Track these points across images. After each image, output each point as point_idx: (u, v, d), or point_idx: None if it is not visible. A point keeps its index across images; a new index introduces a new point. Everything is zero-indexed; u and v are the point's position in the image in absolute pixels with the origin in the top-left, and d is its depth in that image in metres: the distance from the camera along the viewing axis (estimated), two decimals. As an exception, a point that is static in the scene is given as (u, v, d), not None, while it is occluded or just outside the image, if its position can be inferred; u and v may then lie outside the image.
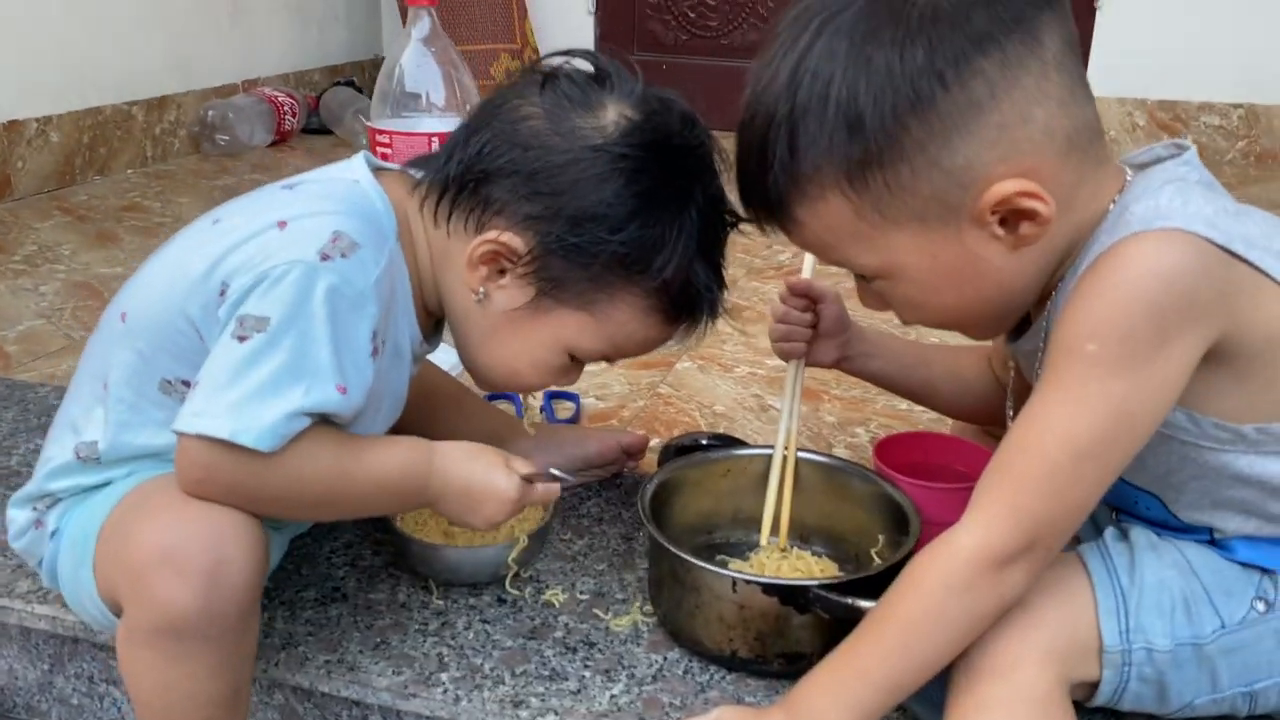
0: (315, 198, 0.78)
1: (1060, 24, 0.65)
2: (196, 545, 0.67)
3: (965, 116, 0.63)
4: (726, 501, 0.94)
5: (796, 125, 0.65)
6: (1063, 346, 0.65)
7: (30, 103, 2.14)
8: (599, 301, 0.79)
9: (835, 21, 0.64)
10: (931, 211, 0.65)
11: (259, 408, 0.68)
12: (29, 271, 1.71)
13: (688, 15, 3.07)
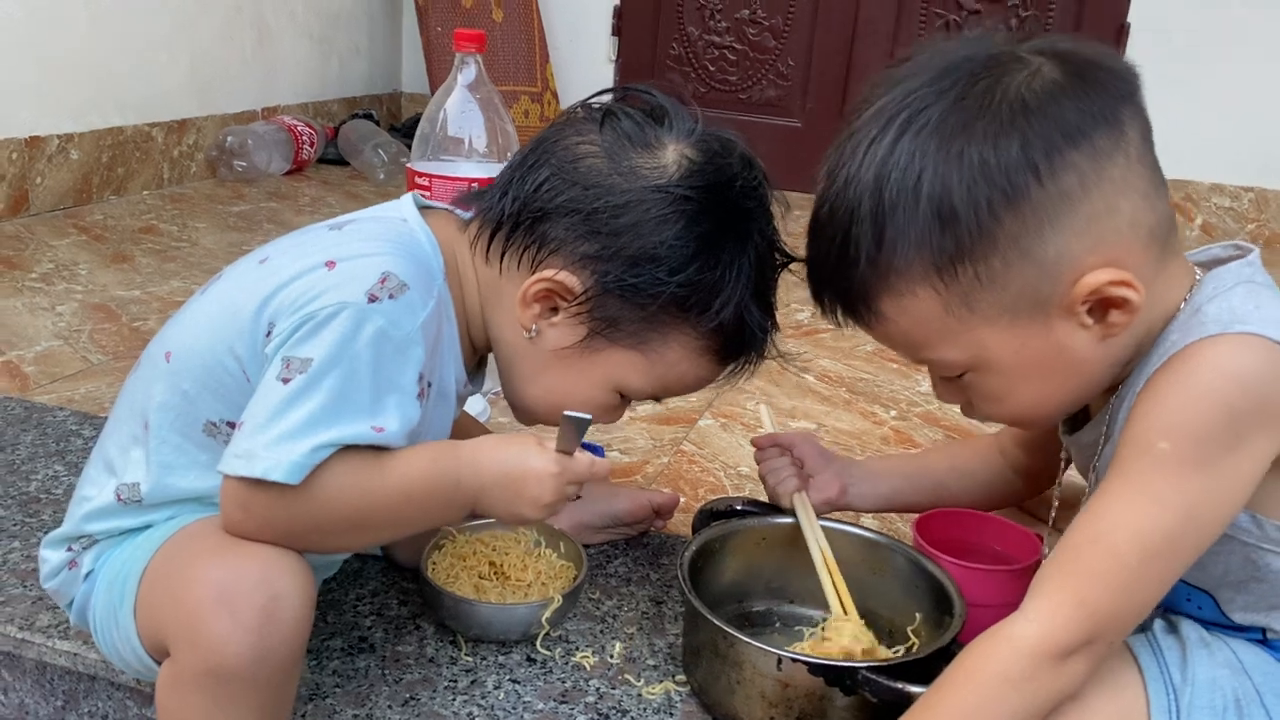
0: (364, 238, 0.77)
1: (1140, 117, 0.66)
2: (250, 584, 0.66)
3: (1057, 208, 0.63)
4: (760, 570, 0.93)
5: (885, 219, 0.65)
6: (1135, 443, 0.65)
7: (52, 119, 2.13)
8: (652, 341, 0.78)
9: (921, 118, 0.64)
10: (1022, 304, 0.65)
11: (290, 445, 0.67)
12: (45, 290, 1.69)
13: (708, 69, 3.10)
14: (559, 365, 0.80)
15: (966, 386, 0.72)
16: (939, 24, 2.88)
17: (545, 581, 0.91)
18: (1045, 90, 0.64)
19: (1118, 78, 0.66)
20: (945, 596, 0.84)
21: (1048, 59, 0.65)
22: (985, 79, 0.64)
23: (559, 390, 0.81)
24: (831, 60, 2.99)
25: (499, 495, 0.74)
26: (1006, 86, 0.64)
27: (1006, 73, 0.64)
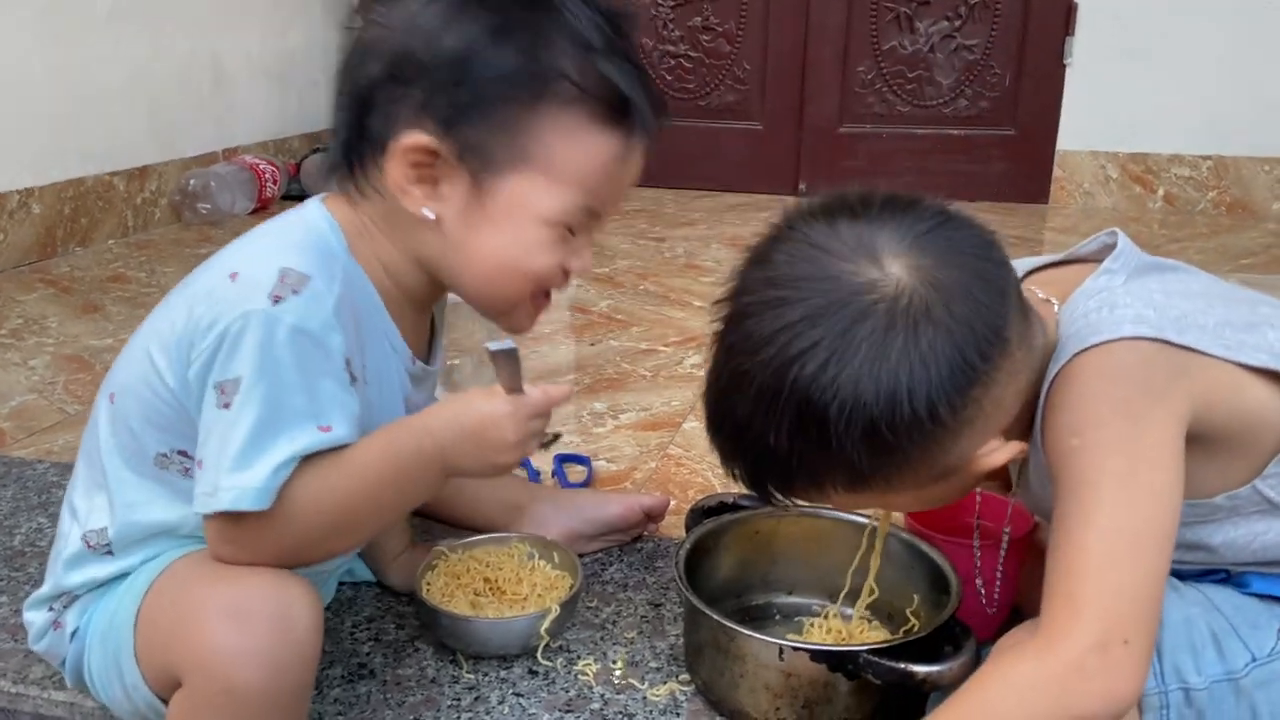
0: (258, 238, 0.76)
1: (1013, 297, 0.67)
2: (261, 602, 0.67)
3: (960, 431, 0.66)
4: (756, 564, 0.93)
5: (800, 465, 0.66)
6: (1055, 457, 0.68)
7: (11, 175, 2.12)
8: (531, 148, 0.74)
9: (830, 371, 0.63)
10: (928, 481, 0.69)
11: (249, 472, 0.67)
12: (16, 345, 1.68)
13: (665, 78, 3.11)
14: (478, 229, 0.75)
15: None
16: (889, 17, 2.90)
17: (541, 593, 0.91)
18: (936, 337, 0.63)
19: (991, 289, 0.65)
20: (941, 575, 0.84)
21: (924, 285, 0.64)
22: (884, 334, 0.63)
23: (496, 252, 0.76)
24: (787, 61, 3.00)
25: (465, 451, 0.73)
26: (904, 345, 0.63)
27: (896, 324, 0.63)
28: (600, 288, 2.07)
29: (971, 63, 2.89)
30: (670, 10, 3.06)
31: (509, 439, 0.73)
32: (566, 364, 1.63)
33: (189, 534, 0.75)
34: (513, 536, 0.97)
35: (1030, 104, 2.86)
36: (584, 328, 1.82)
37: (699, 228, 2.64)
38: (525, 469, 1.21)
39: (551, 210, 0.75)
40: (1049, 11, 2.79)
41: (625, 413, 1.42)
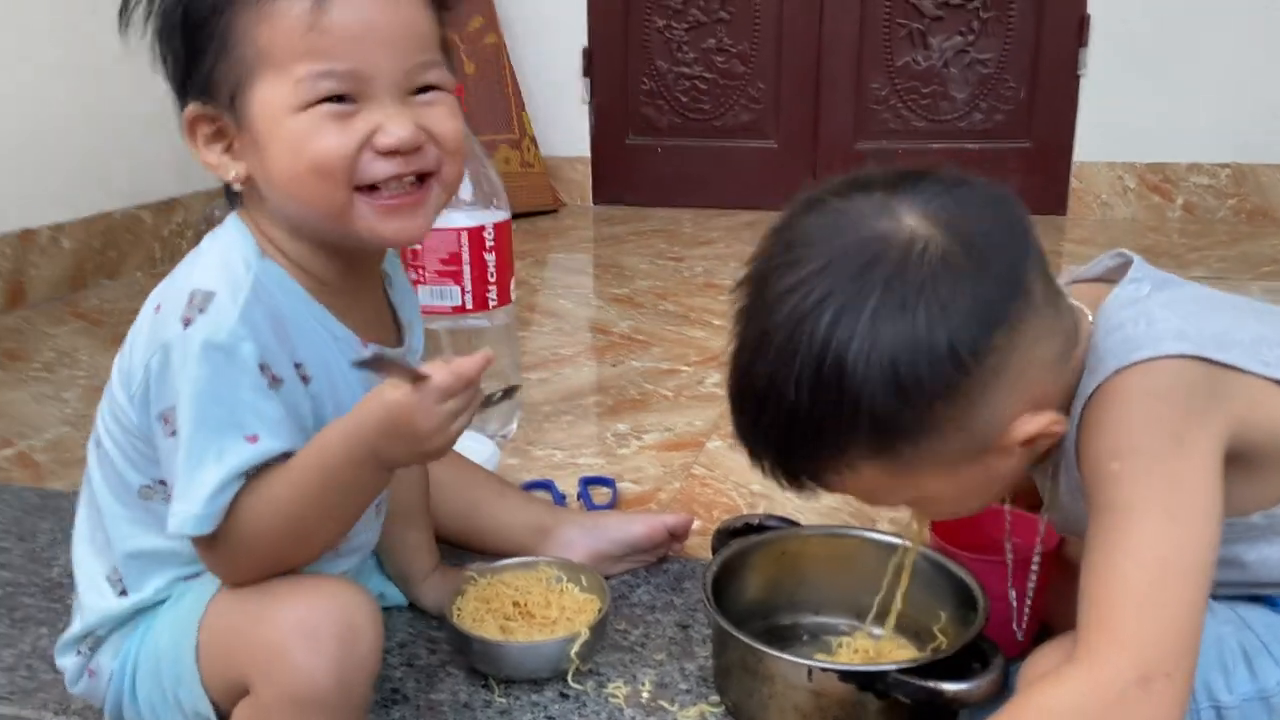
0: (182, 265, 0.76)
1: (1037, 260, 0.68)
2: (329, 617, 0.70)
3: (985, 385, 0.65)
4: (783, 584, 0.93)
5: (824, 427, 0.65)
6: (1092, 481, 0.67)
7: (42, 211, 2.16)
8: (244, 53, 0.70)
9: (847, 323, 0.63)
10: (959, 458, 0.68)
11: (188, 498, 0.69)
12: (49, 378, 1.71)
13: (680, 100, 3.13)
14: (264, 160, 0.72)
15: (912, 506, 0.78)
16: (902, 34, 2.92)
17: (570, 616, 0.92)
18: (955, 281, 0.64)
19: (1012, 241, 0.67)
20: (968, 593, 0.84)
21: (941, 232, 0.65)
22: (898, 278, 0.63)
23: (281, 167, 0.71)
24: (801, 79, 3.02)
25: (394, 447, 0.70)
26: (920, 285, 0.63)
27: (913, 267, 0.64)
28: (620, 308, 2.08)
29: (985, 76, 2.90)
30: (684, 33, 3.08)
31: (424, 428, 0.69)
32: (588, 385, 1.65)
33: (190, 559, 0.77)
34: (540, 560, 0.98)
35: (1045, 116, 2.87)
36: (605, 349, 1.83)
37: (717, 246, 2.65)
38: (550, 492, 1.23)
39: (288, 97, 0.70)
40: (1062, 24, 2.80)
41: (648, 433, 1.44)
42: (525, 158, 3.04)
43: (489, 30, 3.01)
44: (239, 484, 0.70)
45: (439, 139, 0.74)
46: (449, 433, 0.70)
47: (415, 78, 0.72)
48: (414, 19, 0.73)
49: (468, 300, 1.29)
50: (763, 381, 0.66)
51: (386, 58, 0.71)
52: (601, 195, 3.24)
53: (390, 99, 0.71)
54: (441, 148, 0.74)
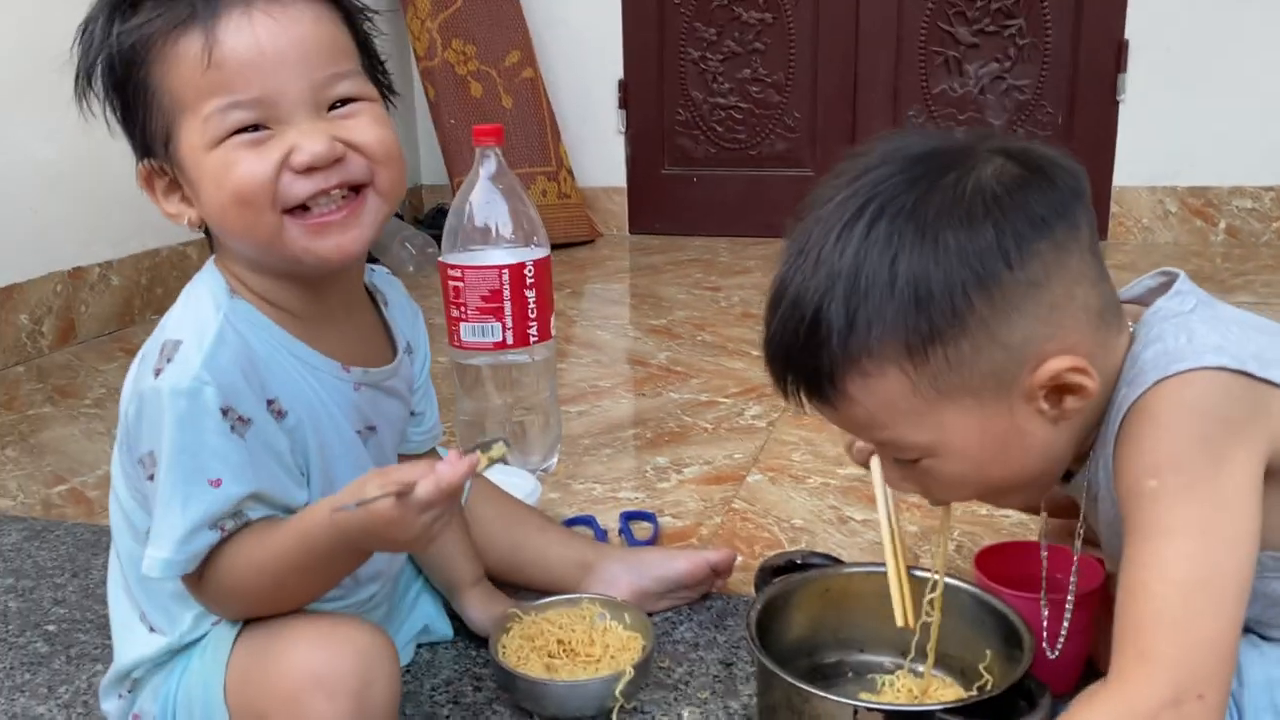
0: (162, 320, 0.78)
1: (1089, 212, 0.70)
2: (345, 670, 0.71)
3: (1025, 295, 0.66)
4: (827, 622, 0.93)
5: (860, 301, 0.66)
6: (1129, 497, 0.67)
7: (93, 250, 2.21)
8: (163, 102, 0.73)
9: (895, 204, 0.67)
10: (987, 386, 0.68)
11: (158, 543, 0.72)
12: (100, 415, 1.75)
13: (716, 129, 3.15)
14: (201, 199, 0.74)
15: (923, 472, 0.74)
16: (938, 62, 2.92)
17: (615, 654, 0.92)
18: (1012, 183, 0.67)
19: (1071, 176, 0.69)
20: (1014, 631, 0.84)
21: (1006, 157, 0.69)
22: (955, 170, 0.67)
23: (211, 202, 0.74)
24: (836, 108, 3.03)
25: (373, 544, 0.73)
26: (976, 178, 0.67)
27: (973, 165, 0.68)
28: (658, 339, 2.09)
29: (1023, 103, 2.89)
30: (719, 64, 3.10)
31: (402, 538, 0.70)
32: (627, 418, 1.65)
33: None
34: (583, 597, 0.99)
35: (1084, 142, 2.85)
36: (643, 380, 1.84)
37: (754, 275, 2.66)
38: (591, 527, 1.23)
39: (202, 135, 0.72)
40: (1100, 49, 2.79)
41: (688, 467, 1.44)
42: (562, 189, 3.07)
43: (526, 65, 3.05)
44: (212, 535, 0.72)
45: (362, 149, 0.74)
46: (429, 536, 0.70)
47: (325, 92, 0.73)
48: (313, 34, 0.73)
49: (509, 336, 1.30)
50: (809, 261, 0.68)
51: (290, 78, 0.71)
52: (638, 225, 3.27)
53: (303, 117, 0.72)
54: (368, 157, 0.74)
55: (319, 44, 0.73)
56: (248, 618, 0.77)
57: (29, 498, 1.42)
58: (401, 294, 0.93)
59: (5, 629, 1.07)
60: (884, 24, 2.93)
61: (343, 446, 0.82)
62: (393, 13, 3.18)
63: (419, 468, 0.68)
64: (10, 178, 2.02)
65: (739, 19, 3.05)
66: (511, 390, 1.35)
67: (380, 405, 0.85)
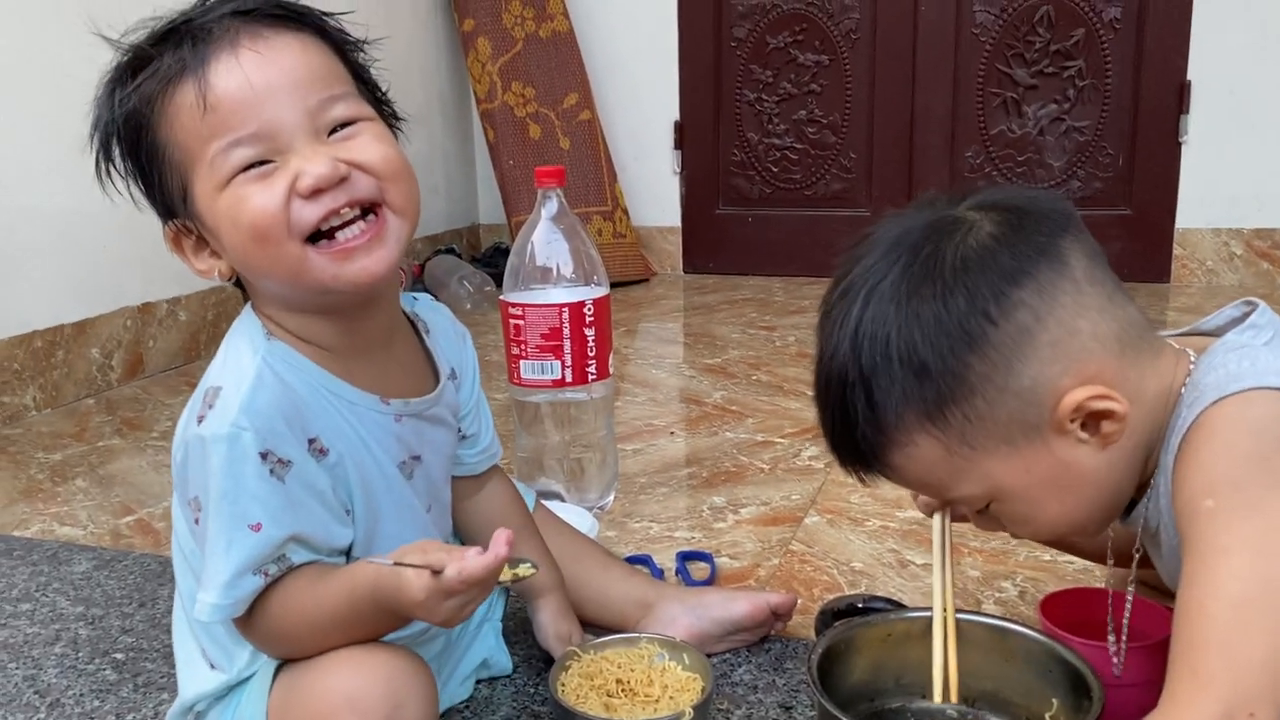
0: (210, 366, 0.80)
1: (1080, 244, 0.72)
2: (377, 694, 0.72)
3: (1018, 343, 0.68)
4: (888, 667, 0.92)
5: (870, 383, 0.71)
6: (1185, 516, 0.67)
7: (161, 286, 2.27)
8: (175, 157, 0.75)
9: (879, 289, 0.71)
10: (1015, 432, 0.70)
11: (208, 587, 0.74)
12: (166, 447, 1.77)
13: (771, 170, 3.17)
14: (224, 245, 0.76)
15: (995, 515, 0.76)
16: (996, 103, 2.91)
17: (673, 695, 0.92)
18: (981, 245, 0.70)
19: (1049, 217, 0.72)
20: (1080, 679, 0.82)
21: (985, 213, 0.72)
22: (929, 245, 0.71)
23: (233, 244, 0.75)
24: (893, 149, 3.03)
25: (406, 612, 0.73)
26: (947, 249, 0.71)
27: (946, 236, 0.71)
28: (713, 379, 2.09)
29: (1083, 144, 2.87)
30: (775, 105, 3.12)
31: (432, 619, 0.72)
32: (683, 457, 1.65)
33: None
34: (642, 637, 0.98)
35: (1146, 183, 2.82)
36: (698, 420, 1.84)
37: (809, 315, 2.64)
38: (648, 567, 1.23)
39: (210, 182, 0.73)
40: (1161, 91, 2.76)
41: (745, 507, 1.43)
42: (617, 228, 3.10)
43: (584, 107, 3.10)
44: (256, 580, 0.74)
45: (366, 166, 0.74)
46: (458, 618, 0.72)
47: (322, 117, 0.74)
48: (302, 63, 0.74)
49: (568, 374, 1.31)
50: (825, 357, 0.73)
51: (284, 108, 0.72)
52: (692, 264, 3.28)
53: (303, 144, 0.72)
54: (374, 174, 0.74)
55: (309, 71, 0.74)
56: (295, 658, 0.78)
57: (98, 527, 1.45)
58: (445, 319, 0.94)
59: (75, 656, 1.09)
60: (941, 65, 2.94)
61: (384, 482, 0.83)
62: (454, 56, 3.26)
63: (454, 552, 0.69)
64: (85, 216, 2.08)
65: (795, 61, 3.08)
66: (570, 428, 1.36)
67: (425, 434, 0.86)
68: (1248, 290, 2.74)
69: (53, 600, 1.22)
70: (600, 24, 3.19)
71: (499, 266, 2.96)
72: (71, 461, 1.73)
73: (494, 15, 3.05)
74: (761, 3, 3.08)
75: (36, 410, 2.00)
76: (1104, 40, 2.79)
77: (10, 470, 1.70)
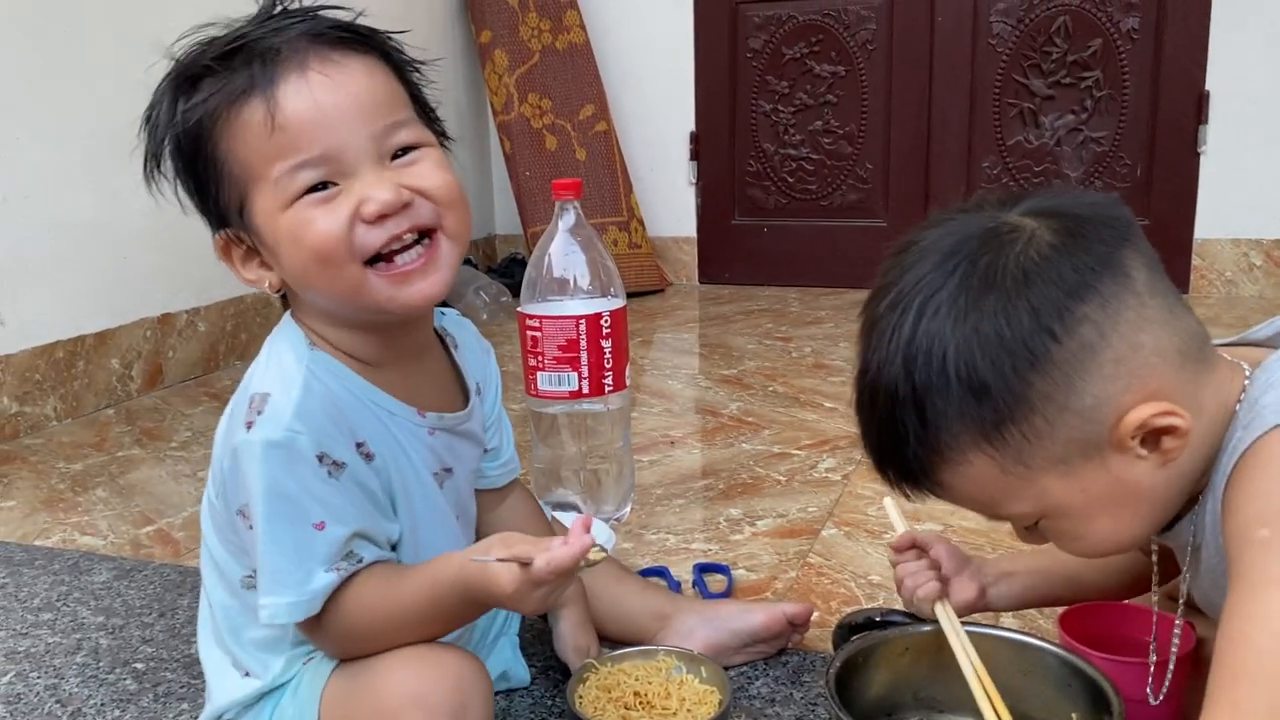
0: (246, 375, 0.82)
1: (1140, 253, 0.69)
2: (444, 691, 0.74)
3: (1081, 360, 0.66)
4: (906, 681, 0.92)
5: (924, 402, 0.68)
6: (1238, 542, 0.65)
7: (182, 298, 2.29)
8: (234, 172, 0.76)
9: (934, 302, 0.68)
10: (1073, 451, 0.68)
11: (278, 589, 0.75)
12: (186, 457, 1.80)
13: (787, 180, 3.17)
14: (280, 260, 0.77)
15: (1045, 530, 0.74)
16: (1013, 113, 2.91)
17: (691, 708, 0.92)
18: (1042, 256, 0.67)
19: (1109, 225, 0.69)
20: (1101, 694, 0.82)
21: (1042, 220, 0.68)
22: (986, 255, 0.68)
23: (294, 263, 0.76)
24: (909, 159, 3.03)
25: (493, 603, 0.76)
26: (1006, 259, 0.67)
27: (1004, 245, 0.68)
28: (729, 390, 2.09)
29: (1100, 154, 2.86)
30: (790, 116, 3.12)
31: (521, 607, 0.75)
32: (699, 468, 1.65)
33: (299, 639, 0.82)
34: (659, 649, 0.98)
35: (1164, 193, 2.81)
36: (714, 431, 1.84)
37: (825, 326, 2.65)
38: (665, 579, 1.23)
39: (273, 200, 0.75)
40: (1180, 101, 2.75)
41: (762, 519, 1.43)
42: (633, 239, 3.11)
43: (600, 118, 3.11)
44: (330, 576, 0.75)
45: (428, 194, 0.76)
46: (545, 605, 0.75)
47: (386, 142, 0.76)
48: (368, 88, 0.75)
49: (584, 386, 1.32)
50: (871, 370, 0.70)
51: (350, 132, 0.74)
52: (707, 275, 3.28)
53: (367, 169, 0.74)
54: (435, 201, 0.77)
55: (374, 97, 0.76)
56: (360, 656, 0.79)
57: (118, 537, 1.46)
58: (471, 334, 0.96)
59: (96, 665, 1.10)
60: (957, 76, 2.93)
61: (421, 490, 0.84)
62: (471, 68, 3.27)
63: (540, 544, 0.72)
64: (105, 227, 2.10)
65: (811, 72, 3.08)
66: (586, 439, 1.37)
67: (455, 448, 0.88)
68: (1268, 302, 2.72)
69: (74, 610, 1.23)
70: (617, 36, 3.20)
71: (515, 277, 2.97)
72: (92, 471, 1.74)
73: (511, 27, 3.07)
74: (778, 14, 3.08)
75: (57, 420, 2.02)
76: (1122, 50, 2.78)
77: (31, 480, 1.71)
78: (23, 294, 1.96)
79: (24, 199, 1.95)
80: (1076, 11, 2.80)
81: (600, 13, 3.19)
